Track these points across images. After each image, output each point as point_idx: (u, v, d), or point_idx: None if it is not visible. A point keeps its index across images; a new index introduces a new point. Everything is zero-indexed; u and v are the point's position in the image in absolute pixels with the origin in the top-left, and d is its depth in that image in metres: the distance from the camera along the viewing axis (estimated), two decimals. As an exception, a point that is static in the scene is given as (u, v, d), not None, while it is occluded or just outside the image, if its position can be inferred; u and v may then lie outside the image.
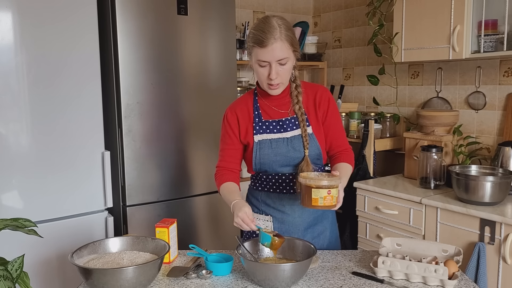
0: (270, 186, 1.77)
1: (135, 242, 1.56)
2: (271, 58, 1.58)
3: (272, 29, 1.57)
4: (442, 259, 1.51)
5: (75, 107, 2.35)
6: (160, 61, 2.56)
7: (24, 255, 1.52)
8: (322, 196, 1.46)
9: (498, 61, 2.67)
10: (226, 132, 1.78)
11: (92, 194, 2.44)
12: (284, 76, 1.64)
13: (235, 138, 1.77)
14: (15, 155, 2.22)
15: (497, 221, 2.10)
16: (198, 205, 2.75)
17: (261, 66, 1.62)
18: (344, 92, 3.61)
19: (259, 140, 1.72)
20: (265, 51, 1.57)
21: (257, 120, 1.74)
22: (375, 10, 3.00)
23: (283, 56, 1.59)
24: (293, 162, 1.72)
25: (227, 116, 1.78)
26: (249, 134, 1.74)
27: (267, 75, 1.62)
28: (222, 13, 2.76)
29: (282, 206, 1.76)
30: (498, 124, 2.70)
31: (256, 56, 1.61)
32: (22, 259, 1.48)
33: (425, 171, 2.62)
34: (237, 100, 1.83)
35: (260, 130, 1.73)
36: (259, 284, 1.42)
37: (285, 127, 1.72)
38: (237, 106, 1.78)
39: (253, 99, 1.78)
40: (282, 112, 1.75)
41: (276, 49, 1.57)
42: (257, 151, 1.72)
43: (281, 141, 1.71)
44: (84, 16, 2.34)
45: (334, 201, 1.49)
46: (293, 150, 1.70)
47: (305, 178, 1.49)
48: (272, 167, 1.72)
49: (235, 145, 1.77)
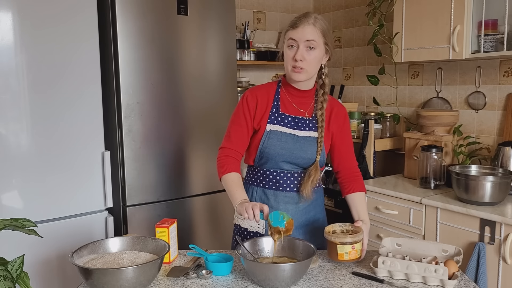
0: (267, 181, 1.76)
1: (135, 242, 1.56)
2: (300, 37, 1.63)
3: (308, 16, 1.66)
4: (442, 259, 1.51)
5: (75, 107, 2.35)
6: (160, 61, 2.56)
7: (24, 255, 1.52)
8: (347, 252, 1.55)
9: (498, 61, 2.67)
10: (242, 112, 1.75)
11: (92, 194, 2.44)
12: (310, 63, 1.66)
13: (250, 121, 1.75)
14: (15, 155, 2.22)
15: (497, 221, 2.10)
16: (198, 205, 2.75)
17: (290, 49, 1.66)
18: (344, 92, 3.61)
19: (270, 129, 1.72)
20: (295, 31, 1.64)
21: (274, 110, 1.75)
22: (375, 10, 3.00)
23: (312, 38, 1.63)
24: (296, 161, 1.72)
25: (247, 97, 1.77)
26: (263, 121, 1.74)
27: (293, 55, 1.65)
28: (222, 13, 2.76)
29: (277, 203, 1.76)
30: (498, 124, 2.70)
31: (287, 37, 1.67)
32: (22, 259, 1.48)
33: (425, 171, 2.62)
34: (259, 85, 1.83)
35: (274, 120, 1.73)
36: (259, 284, 1.42)
37: (299, 125, 1.73)
38: (259, 91, 1.78)
39: (276, 90, 1.78)
40: (300, 110, 1.76)
41: (308, 30, 1.63)
42: (265, 139, 1.72)
43: (291, 137, 1.71)
44: (84, 16, 2.34)
45: (358, 254, 1.57)
46: (299, 149, 1.71)
47: (330, 235, 1.56)
48: (275, 159, 1.72)
49: (248, 127, 1.75)
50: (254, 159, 1.77)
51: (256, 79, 3.62)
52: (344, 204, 1.79)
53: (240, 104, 1.78)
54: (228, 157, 1.74)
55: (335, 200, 3.24)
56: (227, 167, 1.72)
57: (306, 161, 1.72)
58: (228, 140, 1.76)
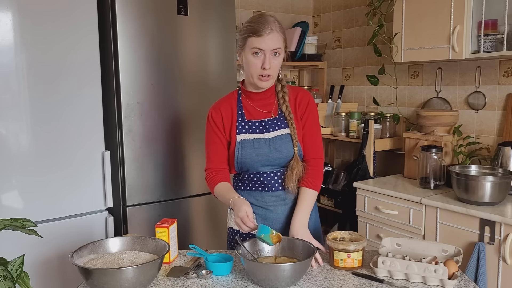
0: (252, 184, 1.78)
1: (135, 242, 1.56)
2: (267, 47, 1.62)
3: (268, 21, 1.65)
4: (442, 259, 1.51)
5: (75, 107, 2.35)
6: (160, 61, 2.56)
7: (24, 255, 1.53)
8: (342, 259, 1.54)
9: (498, 61, 2.67)
10: (212, 130, 1.78)
11: (92, 194, 2.44)
12: (275, 69, 1.68)
13: (222, 136, 1.77)
14: (15, 155, 2.22)
15: (497, 221, 2.11)
16: (198, 205, 2.75)
17: (254, 57, 1.64)
18: (344, 92, 3.61)
19: (241, 139, 1.73)
20: (261, 40, 1.62)
21: (240, 119, 1.76)
22: (375, 10, 3.00)
23: (278, 46, 1.64)
24: (275, 162, 1.73)
25: (212, 115, 1.79)
26: (233, 133, 1.75)
27: (261, 65, 1.64)
28: (222, 13, 2.76)
29: (265, 203, 1.77)
30: (498, 124, 2.70)
31: (251, 45, 1.64)
32: (22, 259, 1.48)
33: (425, 171, 2.62)
34: (220, 100, 1.84)
35: (242, 129, 1.74)
36: (259, 284, 1.42)
37: (268, 127, 1.74)
38: (221, 105, 1.80)
39: (237, 99, 1.79)
40: (265, 112, 1.76)
41: (273, 38, 1.63)
42: (239, 150, 1.73)
43: (263, 141, 1.72)
44: (84, 16, 2.34)
45: (355, 263, 1.54)
46: (275, 151, 1.71)
47: (328, 240, 1.57)
48: (254, 166, 1.73)
49: (222, 143, 1.78)
50: (235, 169, 1.79)
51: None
52: (344, 204, 1.79)
53: (207, 124, 1.81)
54: (213, 173, 1.78)
55: (335, 200, 3.25)
56: (215, 180, 1.76)
57: (284, 159, 1.73)
58: (209, 161, 1.81)
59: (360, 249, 1.55)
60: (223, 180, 1.75)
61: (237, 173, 1.82)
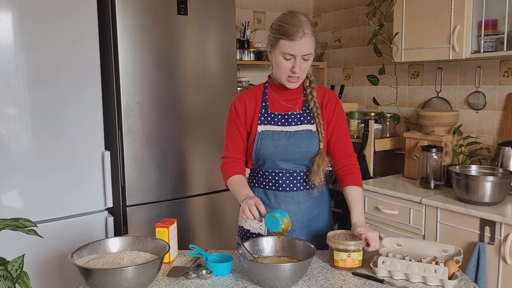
0: (266, 182, 1.77)
1: (135, 242, 1.56)
2: (298, 52, 1.61)
3: (301, 22, 1.60)
4: (442, 259, 1.51)
5: (75, 107, 2.35)
6: (160, 61, 2.56)
7: (24, 255, 1.53)
8: (342, 259, 1.54)
9: (498, 61, 2.67)
10: (234, 121, 1.78)
11: (92, 194, 2.44)
12: (305, 71, 1.67)
13: (242, 127, 1.77)
14: (15, 155, 2.22)
15: (497, 221, 2.10)
16: (198, 205, 2.75)
17: (285, 59, 1.63)
18: (344, 92, 3.61)
19: (262, 130, 1.73)
20: (293, 44, 1.59)
21: (263, 111, 1.75)
22: (375, 10, 3.00)
23: (310, 51, 1.62)
24: (292, 157, 1.72)
25: (235, 104, 1.79)
26: (254, 123, 1.75)
27: (290, 68, 1.64)
28: (222, 13, 2.76)
29: (278, 204, 1.76)
30: (498, 124, 2.70)
31: (282, 49, 1.62)
32: (22, 259, 1.48)
33: (425, 171, 2.62)
34: (246, 90, 1.84)
35: (264, 121, 1.74)
36: (259, 284, 1.42)
37: (290, 121, 1.73)
38: (246, 96, 1.80)
39: (263, 91, 1.79)
40: (290, 106, 1.76)
41: (305, 43, 1.60)
42: (258, 141, 1.72)
43: (283, 134, 1.71)
44: (84, 16, 2.34)
45: (356, 264, 1.54)
46: (293, 145, 1.71)
47: (328, 239, 1.56)
48: (271, 159, 1.72)
49: (241, 134, 1.77)
50: (252, 162, 1.78)
51: (256, 79, 3.61)
52: (345, 204, 1.78)
53: (230, 112, 1.81)
54: (229, 163, 1.77)
55: (335, 200, 3.24)
56: (230, 172, 1.75)
57: (302, 155, 1.72)
58: (226, 150, 1.80)
59: (360, 249, 1.55)
60: (238, 173, 1.74)
61: (253, 168, 1.81)
